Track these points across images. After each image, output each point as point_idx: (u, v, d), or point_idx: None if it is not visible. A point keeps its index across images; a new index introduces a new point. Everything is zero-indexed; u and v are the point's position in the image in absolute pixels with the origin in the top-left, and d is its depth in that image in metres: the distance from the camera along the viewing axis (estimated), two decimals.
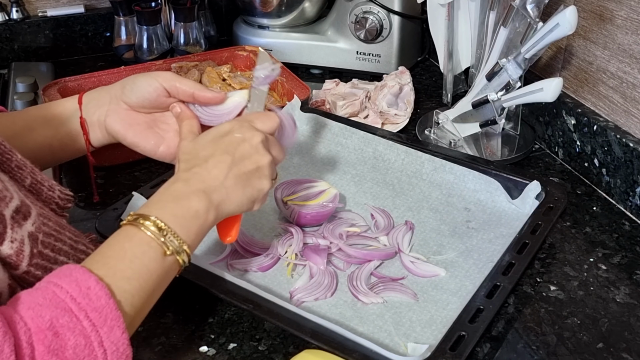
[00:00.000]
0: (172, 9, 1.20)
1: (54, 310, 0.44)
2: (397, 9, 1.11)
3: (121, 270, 0.49)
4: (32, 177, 0.59)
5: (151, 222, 0.52)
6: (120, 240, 0.52)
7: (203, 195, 0.56)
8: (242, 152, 0.60)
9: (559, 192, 0.75)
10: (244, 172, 0.59)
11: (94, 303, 0.46)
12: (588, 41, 0.87)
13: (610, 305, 0.67)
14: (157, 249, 0.52)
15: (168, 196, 0.56)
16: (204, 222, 0.56)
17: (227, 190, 0.58)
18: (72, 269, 0.47)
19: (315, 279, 0.68)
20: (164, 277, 0.53)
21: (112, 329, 0.46)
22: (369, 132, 0.89)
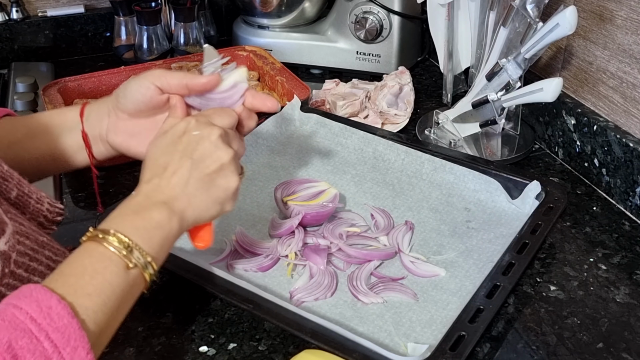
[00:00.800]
0: (172, 9, 1.20)
1: (13, 332, 0.43)
2: (397, 9, 1.11)
3: (82, 287, 0.47)
4: (19, 189, 0.58)
5: (111, 236, 0.50)
6: (80, 257, 0.50)
7: (164, 207, 0.54)
8: (201, 152, 0.57)
9: (559, 192, 0.75)
10: (206, 173, 0.57)
11: (55, 323, 0.44)
12: (588, 41, 0.87)
13: (610, 305, 0.67)
14: (118, 263, 0.50)
15: (128, 210, 0.54)
16: (167, 232, 0.54)
17: (188, 197, 0.56)
18: (32, 289, 0.45)
19: (315, 279, 0.68)
20: (128, 291, 0.51)
21: (76, 349, 0.44)
22: (369, 132, 0.89)
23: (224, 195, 0.58)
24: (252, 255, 0.72)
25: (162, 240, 0.53)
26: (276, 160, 0.88)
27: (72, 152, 0.68)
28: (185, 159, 0.57)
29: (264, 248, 0.72)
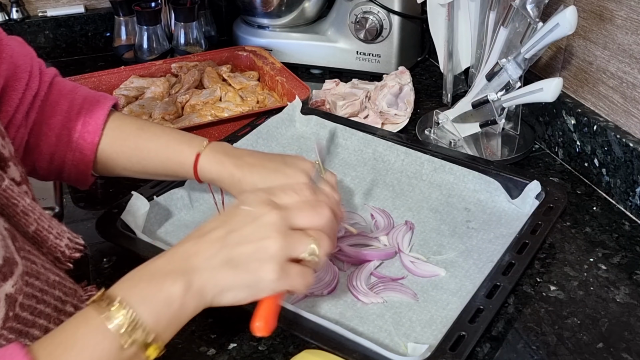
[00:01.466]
0: (172, 9, 1.20)
1: None
2: (397, 9, 1.11)
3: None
4: (38, 224, 0.55)
5: (115, 307, 0.44)
6: (76, 325, 0.45)
7: (180, 276, 0.47)
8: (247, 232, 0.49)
9: (559, 192, 0.75)
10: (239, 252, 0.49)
11: None
12: (588, 41, 0.87)
13: (610, 305, 0.67)
14: (113, 341, 0.44)
15: (145, 272, 0.48)
16: (179, 309, 0.47)
17: (213, 271, 0.48)
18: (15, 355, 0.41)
19: (317, 274, 0.68)
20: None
21: None
22: (369, 132, 0.89)
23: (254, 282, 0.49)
24: None
25: (171, 317, 0.47)
26: None
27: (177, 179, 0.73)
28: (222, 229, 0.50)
29: None
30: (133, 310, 0.44)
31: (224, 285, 0.48)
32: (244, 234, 0.49)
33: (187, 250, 0.49)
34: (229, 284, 0.48)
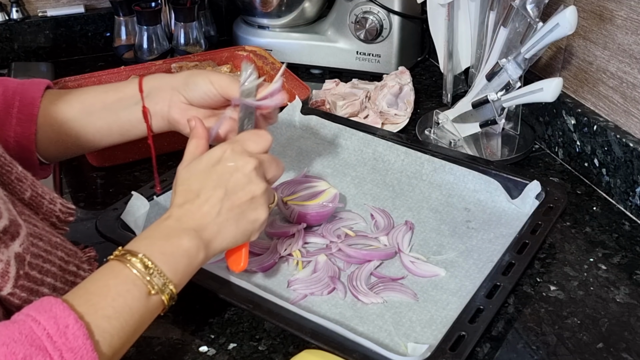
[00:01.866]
0: (172, 9, 1.20)
1: (29, 348, 0.43)
2: (397, 9, 1.11)
3: (102, 308, 0.48)
4: (33, 190, 0.58)
5: (138, 260, 0.51)
6: (105, 276, 0.51)
7: (194, 234, 0.55)
8: (234, 183, 0.57)
9: (559, 192, 0.75)
10: (237, 204, 0.57)
11: (70, 343, 0.44)
12: (588, 41, 0.87)
13: (610, 305, 0.67)
14: (141, 288, 0.50)
15: (159, 233, 0.54)
16: (193, 261, 0.54)
17: (219, 227, 0.56)
18: (52, 304, 0.46)
19: (317, 274, 0.68)
20: (147, 316, 0.51)
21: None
22: (369, 132, 0.89)
23: (252, 227, 0.59)
24: (253, 256, 0.72)
25: (186, 268, 0.54)
26: None
27: (129, 127, 0.71)
28: (219, 188, 0.57)
29: (264, 248, 0.72)
30: (155, 263, 0.51)
31: (229, 237, 0.57)
32: (238, 188, 0.57)
33: (194, 211, 0.56)
34: (232, 235, 0.57)
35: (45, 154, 0.71)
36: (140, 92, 0.70)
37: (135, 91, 0.70)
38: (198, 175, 0.58)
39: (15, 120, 0.68)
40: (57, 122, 0.69)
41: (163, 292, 0.51)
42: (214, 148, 0.60)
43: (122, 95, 0.70)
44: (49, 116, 0.69)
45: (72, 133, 0.70)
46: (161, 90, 0.70)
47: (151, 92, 0.70)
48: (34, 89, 0.70)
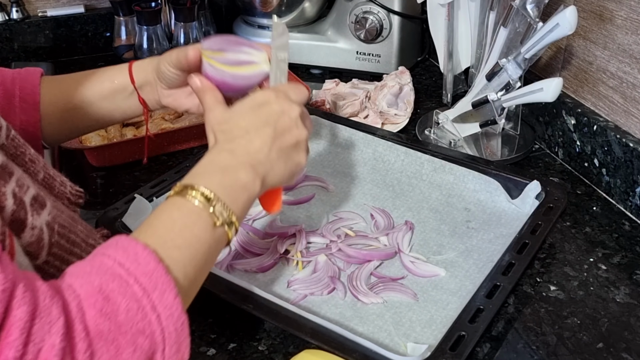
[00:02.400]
0: (172, 9, 1.20)
1: (103, 276, 0.43)
2: (397, 9, 1.11)
3: (171, 239, 0.48)
4: (45, 172, 0.59)
5: (199, 193, 0.51)
6: (168, 210, 0.51)
7: (250, 168, 0.55)
8: (282, 126, 0.59)
9: (559, 192, 0.75)
10: (285, 146, 0.58)
11: (142, 268, 0.44)
12: (588, 41, 0.87)
13: (610, 305, 0.67)
14: (207, 220, 0.50)
15: (215, 167, 0.55)
16: (251, 193, 0.55)
17: (271, 164, 0.57)
18: (118, 239, 0.46)
19: (317, 274, 0.68)
20: (214, 248, 0.52)
21: (164, 293, 0.44)
22: (369, 132, 0.89)
23: (296, 170, 0.60)
24: (253, 256, 0.72)
25: (246, 201, 0.54)
26: None
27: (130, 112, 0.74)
28: (268, 127, 0.58)
29: (264, 248, 0.72)
30: (217, 195, 0.51)
31: (278, 175, 0.58)
32: (285, 130, 0.59)
33: (246, 146, 0.57)
34: (281, 173, 0.59)
35: (48, 139, 0.73)
36: (133, 84, 0.72)
37: (127, 82, 0.72)
38: (244, 114, 0.59)
39: (18, 110, 0.70)
40: (59, 111, 0.71)
41: (227, 224, 0.52)
42: (257, 92, 0.61)
43: (117, 85, 0.72)
44: (51, 104, 0.71)
45: (75, 120, 0.72)
46: (148, 84, 0.72)
47: (142, 86, 0.72)
48: (32, 78, 0.71)
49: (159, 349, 0.43)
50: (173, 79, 0.69)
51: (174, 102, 0.72)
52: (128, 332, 0.42)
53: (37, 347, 0.37)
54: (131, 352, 0.41)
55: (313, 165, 0.87)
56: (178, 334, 0.44)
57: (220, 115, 0.60)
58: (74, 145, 0.89)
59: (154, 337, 0.43)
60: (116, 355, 0.41)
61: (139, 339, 0.42)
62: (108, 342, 0.41)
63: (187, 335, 0.45)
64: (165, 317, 0.43)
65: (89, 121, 0.73)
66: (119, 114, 0.74)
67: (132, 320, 0.42)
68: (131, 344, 0.42)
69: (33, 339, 0.37)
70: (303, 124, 0.60)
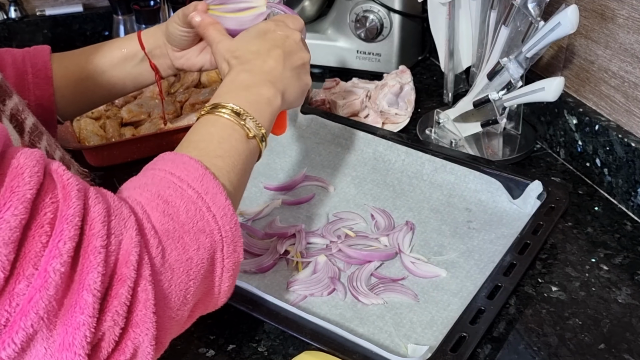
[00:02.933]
0: (171, 8, 1.20)
1: (158, 184, 0.46)
2: (397, 7, 1.11)
3: (213, 150, 0.51)
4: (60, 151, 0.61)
5: (229, 109, 0.54)
6: (204, 127, 0.54)
7: (270, 84, 0.58)
8: (290, 47, 0.62)
9: (561, 192, 0.75)
10: (294, 66, 0.62)
11: (192, 174, 0.47)
12: (589, 40, 0.86)
13: (612, 306, 0.67)
14: (240, 132, 0.54)
15: (238, 85, 0.58)
16: (274, 107, 0.58)
17: (287, 80, 0.60)
18: (163, 155, 0.50)
19: (317, 275, 0.68)
20: (250, 158, 0.55)
21: (216, 195, 0.47)
22: (369, 132, 0.88)
23: (305, 89, 0.64)
24: (252, 256, 0.71)
25: (270, 115, 0.58)
26: (276, 162, 0.87)
27: (142, 80, 0.76)
28: (277, 48, 0.61)
29: (264, 249, 0.72)
30: (245, 110, 0.55)
31: (293, 92, 0.62)
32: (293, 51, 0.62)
33: (261, 65, 0.59)
34: (295, 91, 0.62)
35: (63, 112, 0.75)
36: (143, 49, 0.74)
37: (137, 48, 0.74)
38: (252, 40, 0.62)
39: (32, 86, 0.72)
40: (72, 83, 0.73)
41: (258, 135, 0.55)
42: (259, 23, 0.65)
43: (127, 52, 0.74)
44: (64, 77, 0.73)
45: (87, 91, 0.74)
46: (158, 47, 0.75)
47: (152, 50, 0.75)
48: (42, 54, 0.74)
49: (219, 247, 0.46)
50: (183, 39, 0.72)
51: (187, 62, 0.74)
52: (190, 231, 0.45)
53: (117, 239, 0.41)
54: (196, 249, 0.44)
55: (313, 165, 0.87)
56: (233, 233, 0.47)
57: (230, 44, 0.63)
58: (73, 145, 0.89)
59: (213, 236, 0.46)
60: (184, 251, 0.44)
61: (200, 237, 0.45)
62: (175, 239, 0.44)
63: (240, 235, 0.48)
64: (220, 217, 0.46)
65: (102, 91, 0.75)
66: (130, 81, 0.75)
67: (193, 219, 0.45)
68: (195, 242, 0.45)
69: (113, 231, 0.41)
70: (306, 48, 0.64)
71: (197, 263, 0.44)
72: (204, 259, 0.45)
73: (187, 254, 0.44)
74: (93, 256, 0.39)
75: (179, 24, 0.70)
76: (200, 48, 0.74)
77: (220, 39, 0.65)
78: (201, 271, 0.45)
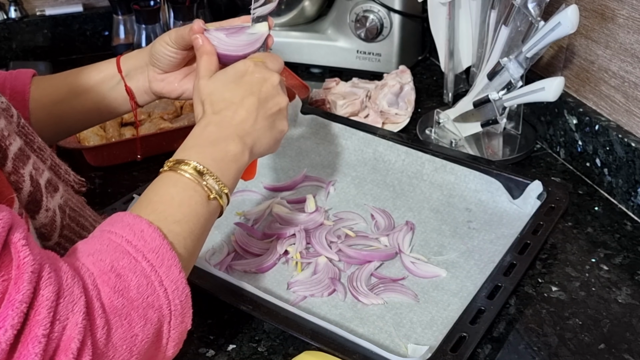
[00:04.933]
0: (171, 8, 1.20)
1: (113, 253, 0.45)
2: (397, 7, 1.11)
3: (171, 214, 0.50)
4: (52, 160, 0.61)
5: (192, 168, 0.53)
6: (164, 186, 0.53)
7: (238, 139, 0.57)
8: (265, 93, 0.60)
9: (561, 192, 0.75)
10: (269, 114, 0.60)
11: (149, 244, 0.46)
12: (590, 40, 0.86)
13: (612, 305, 0.67)
14: (201, 194, 0.53)
15: (204, 140, 0.56)
16: (241, 164, 0.57)
17: (257, 134, 0.59)
18: (121, 216, 0.48)
19: (317, 276, 0.68)
20: (210, 220, 0.54)
21: (170, 268, 0.46)
22: (369, 131, 0.88)
23: (279, 137, 0.62)
24: (252, 256, 0.71)
25: (236, 172, 0.56)
26: (276, 162, 0.87)
27: (116, 105, 0.73)
28: (252, 96, 0.59)
29: (264, 249, 0.72)
30: (209, 169, 0.53)
31: (265, 143, 0.60)
32: (269, 97, 0.60)
33: (232, 117, 0.58)
34: (267, 142, 0.60)
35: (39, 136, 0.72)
36: (120, 72, 0.71)
37: (115, 71, 0.72)
38: (227, 85, 0.60)
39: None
40: (47, 106, 0.71)
41: (220, 196, 0.54)
42: (237, 63, 0.62)
43: (104, 75, 0.72)
44: (39, 101, 0.71)
45: (62, 115, 0.72)
46: (138, 68, 0.72)
47: (130, 72, 0.72)
48: (23, 77, 0.72)
49: (166, 320, 0.46)
50: (169, 60, 0.69)
51: (167, 86, 0.71)
52: (139, 307, 0.44)
53: (62, 325, 0.40)
54: (142, 324, 0.44)
55: (313, 165, 0.87)
56: (183, 306, 0.47)
57: (207, 85, 0.61)
58: (72, 145, 0.89)
59: (162, 310, 0.45)
60: (129, 328, 0.43)
61: (148, 312, 0.45)
62: (122, 317, 0.43)
63: (190, 306, 0.48)
64: (171, 291, 0.46)
65: (78, 115, 0.72)
66: (105, 106, 0.72)
67: (143, 295, 0.45)
68: (142, 318, 0.44)
69: (58, 317, 0.40)
70: (284, 91, 0.62)
71: (142, 339, 0.44)
72: (150, 334, 0.45)
73: (132, 331, 0.44)
74: (32, 345, 0.38)
75: (170, 44, 0.67)
76: (183, 74, 0.70)
77: (204, 74, 0.62)
78: (145, 345, 0.45)
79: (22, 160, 0.49)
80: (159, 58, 0.69)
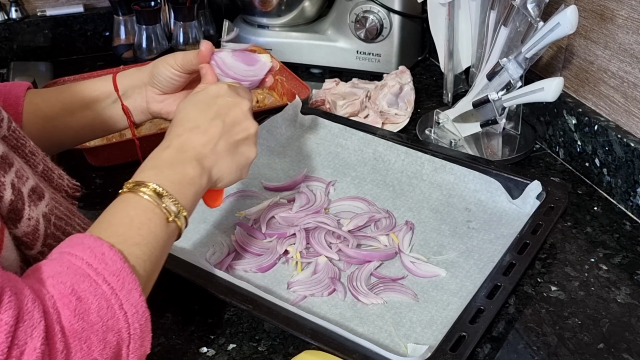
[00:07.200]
0: (172, 8, 1.20)
1: (73, 276, 0.45)
2: (397, 8, 1.11)
3: (131, 237, 0.50)
4: (44, 164, 0.60)
5: (151, 190, 0.53)
6: (124, 208, 0.53)
7: (196, 163, 0.57)
8: (233, 118, 0.60)
9: (560, 192, 0.75)
10: (235, 139, 0.60)
11: (110, 267, 0.46)
12: (589, 41, 0.87)
13: (611, 305, 0.67)
14: (160, 216, 0.53)
15: (162, 162, 0.56)
16: (198, 187, 0.57)
17: (216, 157, 0.59)
18: (82, 238, 0.48)
19: (317, 275, 0.68)
20: (168, 242, 0.54)
21: (130, 291, 0.46)
22: (369, 132, 0.89)
23: (244, 163, 0.62)
24: (252, 256, 0.72)
25: (194, 195, 0.56)
26: (276, 162, 0.87)
27: (112, 123, 0.73)
28: (218, 120, 0.59)
29: (264, 248, 0.72)
30: (167, 191, 0.53)
31: (225, 168, 0.60)
32: (235, 122, 0.60)
33: (193, 140, 0.58)
34: (228, 166, 0.60)
35: None
36: (116, 91, 0.71)
37: (111, 89, 0.72)
38: (197, 105, 0.61)
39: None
40: (39, 121, 0.70)
41: (178, 218, 0.54)
42: (210, 85, 0.63)
43: (99, 93, 0.72)
44: (33, 114, 0.70)
45: (56, 131, 0.71)
46: (136, 87, 0.71)
47: (127, 91, 0.72)
48: (17, 90, 0.71)
49: (125, 344, 0.46)
50: (171, 82, 0.69)
51: (165, 107, 0.71)
52: (99, 330, 0.44)
53: (20, 350, 0.40)
54: (101, 348, 0.44)
55: (313, 165, 0.87)
56: (142, 330, 0.47)
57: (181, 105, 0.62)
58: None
59: (121, 334, 0.45)
60: (88, 352, 0.43)
61: (108, 335, 0.45)
62: (82, 340, 0.43)
63: (149, 330, 0.48)
64: (131, 315, 0.46)
65: (71, 132, 0.72)
66: (100, 124, 0.72)
67: (103, 318, 0.45)
68: (101, 341, 0.44)
69: (17, 342, 0.39)
70: (253, 118, 0.62)
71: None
72: (108, 357, 0.45)
73: (91, 355, 0.43)
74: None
75: (175, 67, 0.68)
76: (183, 96, 0.70)
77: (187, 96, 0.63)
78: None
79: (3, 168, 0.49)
80: (160, 80, 0.69)
